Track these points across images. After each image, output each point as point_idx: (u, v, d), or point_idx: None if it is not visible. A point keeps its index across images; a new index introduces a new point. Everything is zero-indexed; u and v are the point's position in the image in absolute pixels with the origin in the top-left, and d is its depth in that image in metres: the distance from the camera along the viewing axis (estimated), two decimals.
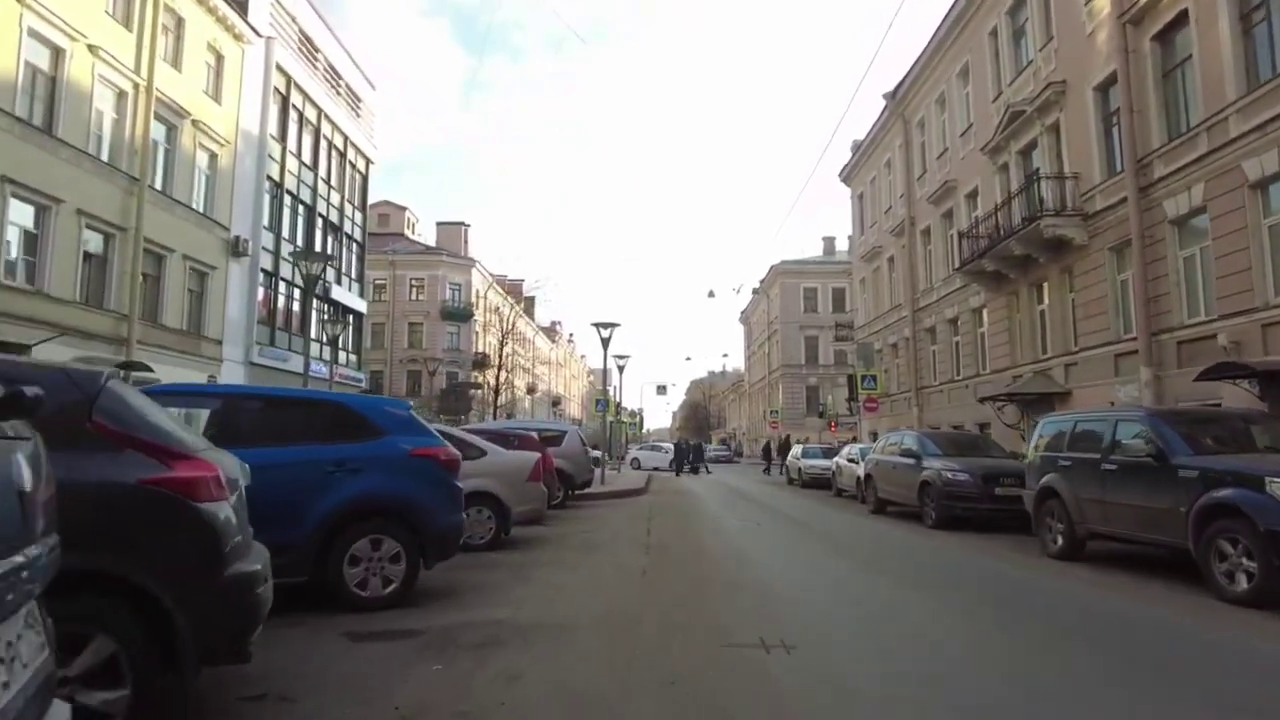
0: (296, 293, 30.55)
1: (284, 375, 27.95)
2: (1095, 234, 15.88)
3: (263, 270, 27.55)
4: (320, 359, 32.03)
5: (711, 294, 49.40)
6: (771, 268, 57.19)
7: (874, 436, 31.39)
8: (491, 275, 63.01)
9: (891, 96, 28.09)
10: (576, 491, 14.57)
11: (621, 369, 29.31)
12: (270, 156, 27.68)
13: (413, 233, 66.02)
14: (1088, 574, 7.71)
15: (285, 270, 29.34)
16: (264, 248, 27.39)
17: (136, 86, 19.97)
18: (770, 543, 10.06)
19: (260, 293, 27.65)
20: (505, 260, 75.56)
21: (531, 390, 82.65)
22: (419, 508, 5.42)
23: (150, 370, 17.87)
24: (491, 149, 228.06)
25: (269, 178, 27.73)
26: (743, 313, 75.43)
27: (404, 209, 66.73)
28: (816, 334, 55.66)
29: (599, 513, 13.39)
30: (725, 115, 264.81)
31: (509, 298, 62.62)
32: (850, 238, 60.99)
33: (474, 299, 59.15)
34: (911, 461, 13.05)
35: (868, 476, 15.10)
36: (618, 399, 34.24)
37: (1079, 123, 16.44)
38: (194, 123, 22.63)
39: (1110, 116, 15.60)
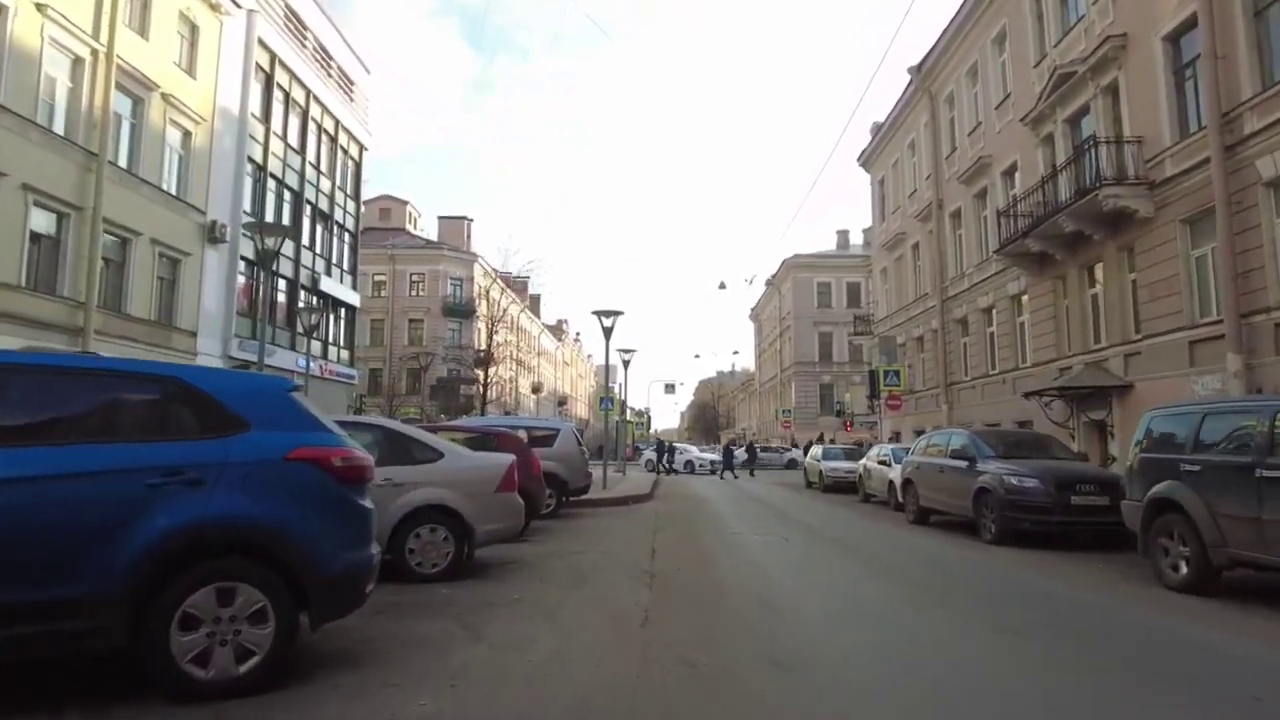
0: (282, 283, 28.85)
1: (266, 370, 26.23)
2: (1164, 204, 13.90)
3: (243, 258, 25.81)
4: (309, 354, 30.41)
5: (722, 285, 47.56)
6: (784, 261, 55.22)
7: (896, 436, 29.51)
8: (495, 270, 61.27)
9: (917, 70, 26.13)
10: (570, 499, 12.72)
11: (627, 363, 27.44)
12: (252, 137, 25.96)
13: (414, 227, 64.38)
14: (1232, 615, 5.82)
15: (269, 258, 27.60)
16: (245, 234, 25.65)
17: (95, 53, 18.23)
18: (803, 568, 8.11)
19: (241, 282, 25.92)
20: (500, 246, 72.64)
21: (537, 389, 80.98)
22: (296, 540, 3.58)
23: None
24: (494, 148, 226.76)
25: (250, 160, 26.00)
26: (753, 309, 73.43)
27: (405, 203, 65.09)
28: (831, 330, 53.64)
29: (596, 524, 11.53)
30: (732, 108, 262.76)
31: (507, 290, 60.90)
32: (865, 231, 59.18)
33: (476, 295, 57.45)
34: (963, 465, 11.13)
35: (907, 482, 13.18)
36: (623, 396, 32.33)
37: (1143, 80, 14.46)
38: (164, 96, 20.90)
39: (1183, 70, 13.64)
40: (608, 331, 18.41)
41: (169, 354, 21.54)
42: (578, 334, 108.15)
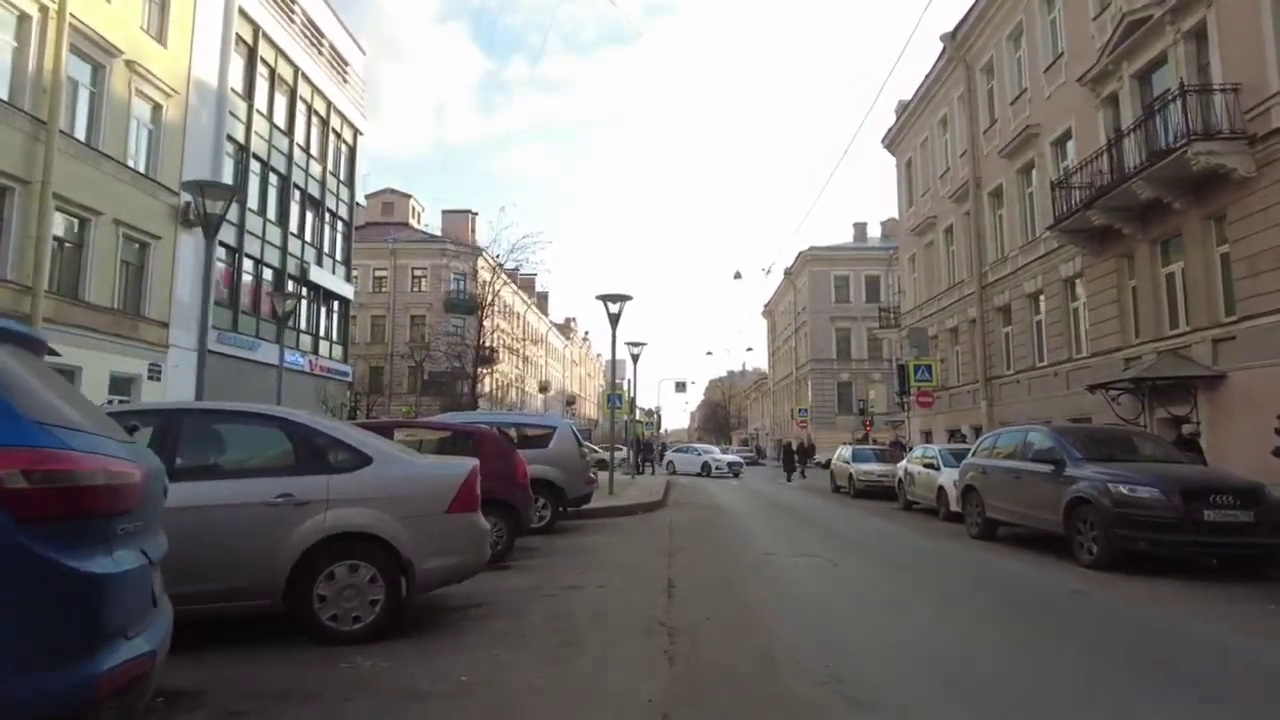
0: (267, 273, 27.03)
1: (249, 366, 24.43)
2: (1268, 162, 11.80)
3: (224, 244, 23.99)
4: (282, 343, 28.57)
5: (738, 275, 45.26)
6: (799, 254, 53.05)
7: (927, 436, 27.41)
8: (498, 264, 59.44)
9: (951, 38, 24.02)
10: (569, 509, 10.71)
11: (636, 357, 25.42)
12: (233, 114, 24.13)
13: (418, 222, 62.62)
14: None
15: (253, 246, 25.79)
16: (225, 218, 23.80)
17: (44, 10, 16.41)
18: (873, 613, 5.91)
19: (221, 270, 24.09)
20: (490, 220, 69.29)
21: (545, 388, 79.09)
22: None
23: (57, 355, 14.34)
24: (503, 149, 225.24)
25: (231, 139, 24.18)
26: (766, 305, 71.24)
27: (408, 197, 63.36)
28: (849, 325, 51.46)
29: (598, 542, 9.53)
30: (744, 102, 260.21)
31: (499, 271, 58.93)
32: (884, 224, 57.07)
33: (480, 290, 55.59)
34: (1046, 469, 9.07)
35: (968, 489, 11.10)
36: (631, 394, 30.27)
37: (1240, 16, 12.35)
38: (128, 64, 19.06)
39: None
40: (614, 318, 16.42)
41: (136, 346, 19.73)
42: (586, 333, 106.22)
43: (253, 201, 25.73)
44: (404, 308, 52.16)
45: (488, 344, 57.77)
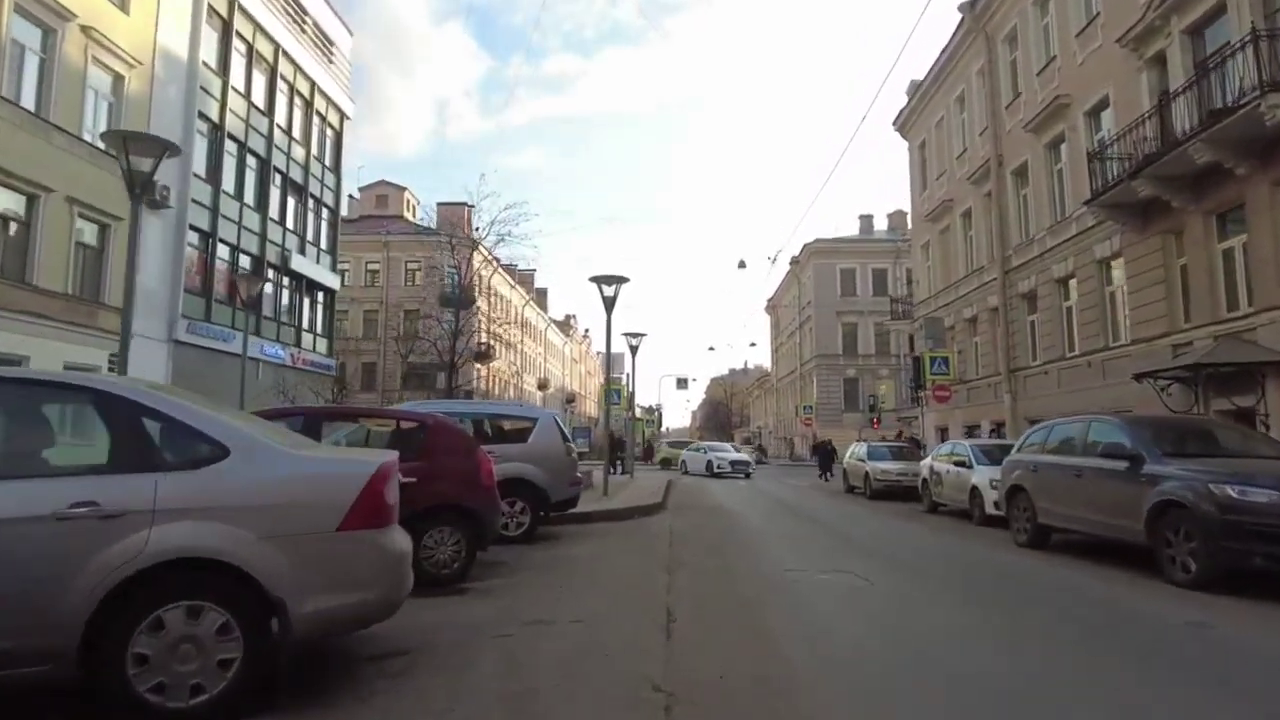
0: (245, 260, 25.56)
1: (221, 357, 22.95)
2: None
3: (194, 228, 22.56)
4: (280, 341, 27.15)
5: (742, 264, 43.53)
6: (804, 246, 51.53)
7: (943, 433, 25.94)
8: (496, 259, 57.98)
9: (969, 8, 22.52)
10: (553, 513, 9.18)
11: (635, 349, 23.94)
12: (205, 90, 22.67)
13: (413, 215, 61.15)
14: None
15: (228, 230, 24.32)
16: (196, 201, 22.41)
17: None
18: (936, 654, 4.32)
19: (192, 256, 22.65)
20: (469, 188, 60.85)
21: (544, 385, 77.67)
22: None
23: None
24: (504, 148, 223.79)
25: (203, 116, 22.72)
26: (769, 301, 69.71)
27: (403, 189, 61.95)
28: (855, 320, 49.93)
29: (583, 555, 8.00)
30: (749, 94, 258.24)
31: (479, 248, 57.40)
32: (890, 216, 55.49)
33: (476, 284, 54.15)
34: (1119, 466, 7.58)
35: (1014, 490, 9.60)
36: (630, 389, 28.75)
37: None
38: (84, 29, 17.63)
39: None
40: (609, 302, 14.92)
41: (94, 335, 18.28)
42: (586, 330, 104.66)
43: (228, 184, 24.29)
44: (397, 302, 50.70)
45: (481, 339, 56.58)
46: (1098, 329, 16.99)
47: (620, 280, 15.10)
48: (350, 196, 60.71)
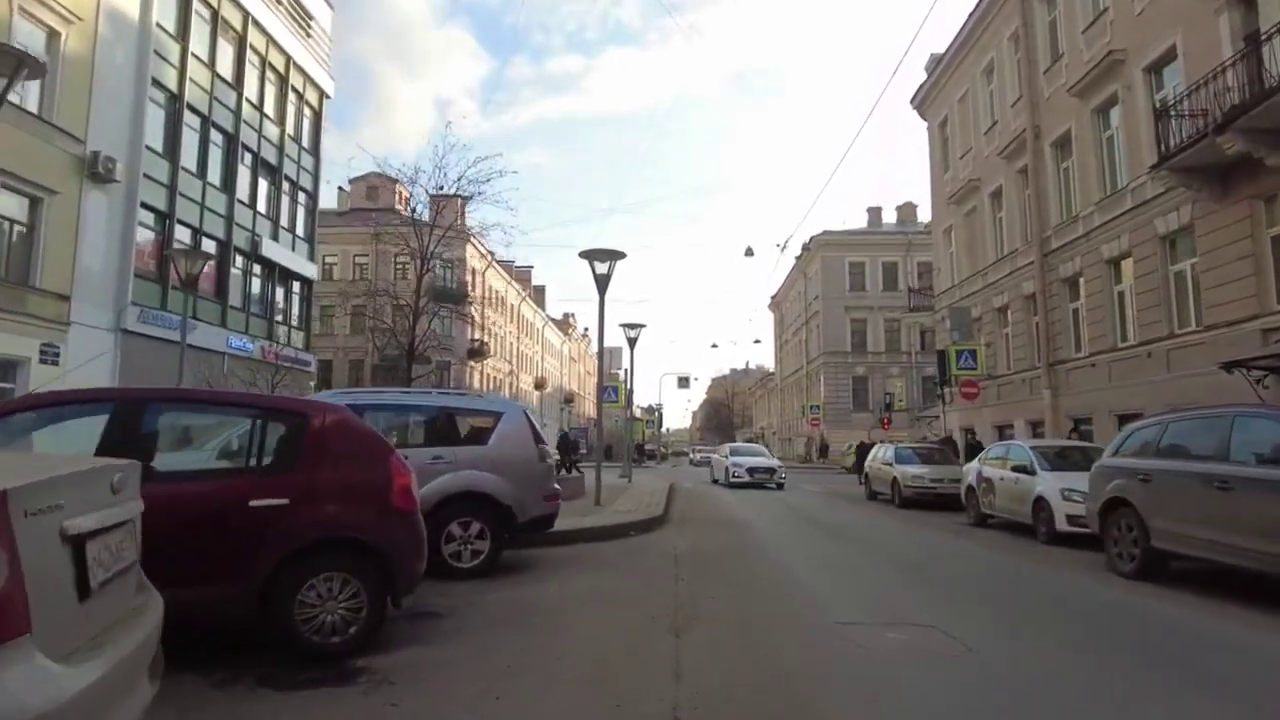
0: (209, 244, 23.46)
1: (177, 349, 20.82)
2: None
3: (147, 207, 20.46)
4: (249, 334, 25.05)
5: (749, 252, 41.62)
6: (811, 239, 49.39)
7: (969, 433, 23.88)
8: (490, 254, 55.97)
9: None
10: (522, 534, 6.97)
11: (633, 341, 21.92)
12: (161, 56, 20.59)
13: (405, 208, 59.07)
14: None
15: (189, 211, 22.24)
16: (150, 176, 20.32)
17: None
18: None
19: (145, 237, 20.56)
20: (435, 143, 51.28)
21: (540, 385, 75.62)
22: None
23: None
24: (505, 146, 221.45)
25: (158, 84, 20.64)
26: (773, 298, 67.57)
27: (395, 182, 59.68)
28: (864, 315, 47.80)
29: (554, 599, 5.73)
30: (740, 94, 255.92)
31: (457, 212, 55.29)
32: (898, 209, 53.14)
33: (469, 279, 52.20)
34: None
35: (1114, 504, 7.49)
36: (629, 385, 26.65)
37: None
38: None
39: None
40: (602, 281, 12.82)
41: (22, 323, 16.20)
42: (585, 330, 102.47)
43: (189, 160, 22.21)
44: (387, 298, 48.52)
45: (475, 335, 54.51)
46: (1159, 314, 14.90)
47: (616, 255, 13.02)
48: (340, 189, 58.84)
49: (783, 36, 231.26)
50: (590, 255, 12.88)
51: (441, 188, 22.26)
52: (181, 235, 21.95)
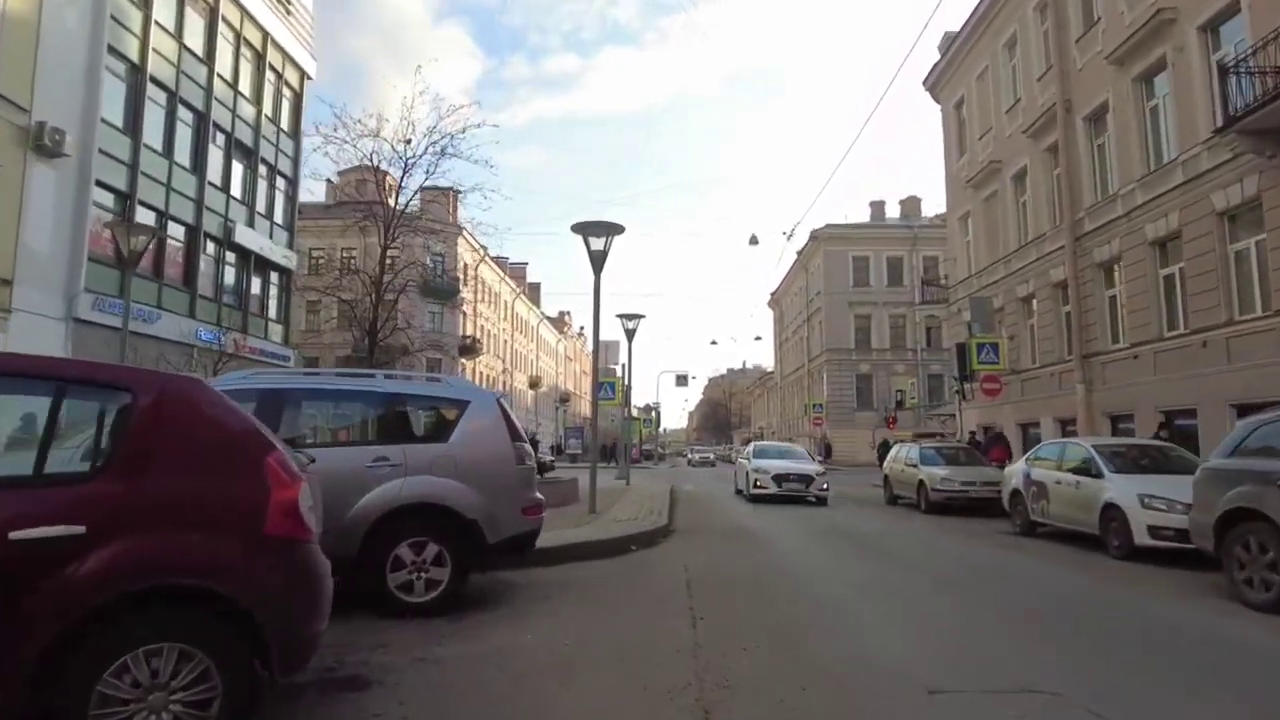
0: (176, 229, 21.96)
1: (137, 340, 19.23)
2: None
3: (104, 186, 18.90)
4: (220, 325, 23.45)
5: (754, 240, 39.49)
6: (812, 233, 47.89)
7: (985, 431, 22.43)
8: (481, 247, 54.36)
9: None
10: (486, 559, 5.31)
11: (631, 333, 20.44)
12: (119, 22, 19.05)
13: (394, 201, 57.48)
14: None
15: (153, 192, 20.68)
16: (105, 152, 18.74)
17: None
18: None
19: (102, 219, 18.95)
20: (405, 96, 45.68)
21: (535, 384, 74.07)
22: None
23: None
24: (492, 146, 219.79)
25: (116, 53, 19.07)
26: (772, 295, 66.12)
27: (385, 174, 58.15)
28: (869, 311, 46.35)
29: (526, 653, 4.17)
30: (740, 89, 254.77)
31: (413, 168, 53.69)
32: (902, 203, 51.56)
33: (461, 273, 50.57)
34: None
35: (1237, 516, 5.99)
36: (626, 381, 25.13)
37: None
38: None
39: None
40: (597, 258, 11.29)
41: None
42: (581, 328, 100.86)
43: (154, 138, 20.65)
44: (362, 276, 46.90)
45: (471, 333, 52.94)
46: (1216, 299, 13.42)
47: (613, 230, 11.49)
48: (328, 180, 57.20)
49: (783, 36, 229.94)
50: (584, 229, 11.35)
51: (409, 141, 20.18)
52: (145, 217, 20.36)
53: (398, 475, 5.06)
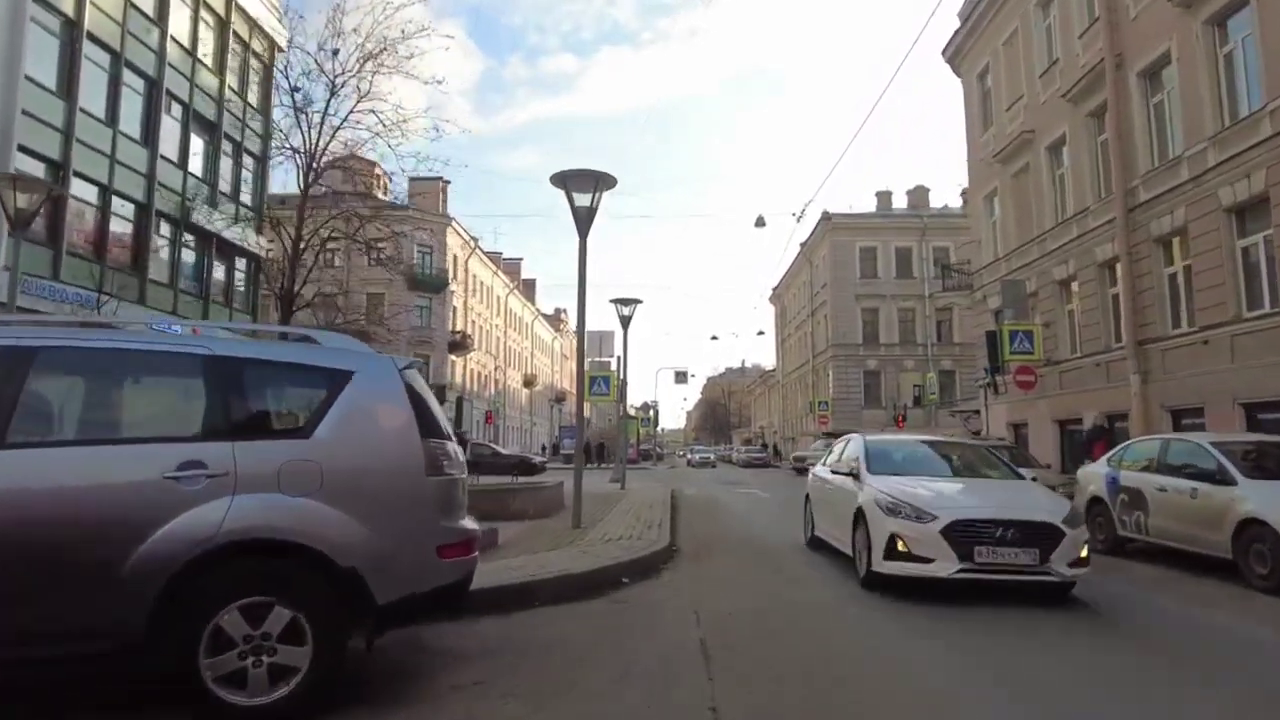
0: (123, 206, 19.86)
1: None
2: None
3: (29, 152, 16.79)
4: (177, 314, 21.35)
5: (760, 222, 36.69)
6: (817, 224, 45.85)
7: (1016, 429, 20.46)
8: (472, 238, 52.37)
9: None
10: (380, 626, 3.31)
11: (626, 320, 18.41)
12: None
13: (384, 193, 55.39)
14: None
15: (93, 164, 18.59)
16: (33, 115, 16.64)
17: None
18: None
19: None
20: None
21: (530, 382, 72.00)
22: None
23: None
24: (503, 144, 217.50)
25: (50, 6, 16.95)
26: (774, 290, 64.08)
27: (373, 165, 56.01)
28: (876, 305, 44.31)
29: None
30: (740, 85, 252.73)
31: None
32: (909, 194, 49.16)
33: (450, 266, 48.56)
34: None
35: None
36: (621, 375, 23.05)
37: None
38: None
39: None
40: (583, 216, 9.25)
41: None
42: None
43: (94, 104, 18.55)
44: (360, 284, 44.86)
45: (460, 327, 50.83)
46: None
47: (604, 182, 9.42)
48: (313, 169, 55.05)
49: (782, 37, 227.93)
50: (566, 178, 9.27)
51: (337, 52, 17.65)
52: (83, 191, 18.30)
53: (221, 493, 2.96)
